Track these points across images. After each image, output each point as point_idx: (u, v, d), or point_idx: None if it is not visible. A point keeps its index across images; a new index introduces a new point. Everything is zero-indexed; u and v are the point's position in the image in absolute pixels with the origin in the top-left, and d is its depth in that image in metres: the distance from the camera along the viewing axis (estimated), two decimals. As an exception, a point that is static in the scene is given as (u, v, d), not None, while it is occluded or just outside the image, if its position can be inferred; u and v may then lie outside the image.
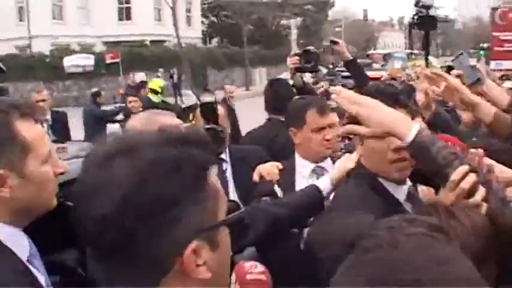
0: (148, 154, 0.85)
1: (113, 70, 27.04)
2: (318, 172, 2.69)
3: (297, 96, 3.62)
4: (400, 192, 1.84)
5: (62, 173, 1.44)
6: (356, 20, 68.19)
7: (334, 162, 2.71)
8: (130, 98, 8.42)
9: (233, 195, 2.96)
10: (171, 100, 15.55)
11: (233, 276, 1.52)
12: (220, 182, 0.95)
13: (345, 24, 59.02)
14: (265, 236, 1.99)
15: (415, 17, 5.67)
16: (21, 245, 1.35)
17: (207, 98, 2.51)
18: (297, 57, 3.77)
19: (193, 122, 3.14)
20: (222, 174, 2.92)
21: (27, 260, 1.36)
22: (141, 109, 7.26)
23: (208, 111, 2.35)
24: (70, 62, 27.63)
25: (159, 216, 0.83)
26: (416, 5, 5.64)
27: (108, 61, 26.70)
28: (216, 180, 0.92)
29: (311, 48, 3.93)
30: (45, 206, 1.40)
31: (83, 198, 0.86)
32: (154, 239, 0.83)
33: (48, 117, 6.25)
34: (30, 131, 1.36)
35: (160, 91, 10.08)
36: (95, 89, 11.06)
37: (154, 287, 0.85)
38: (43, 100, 6.21)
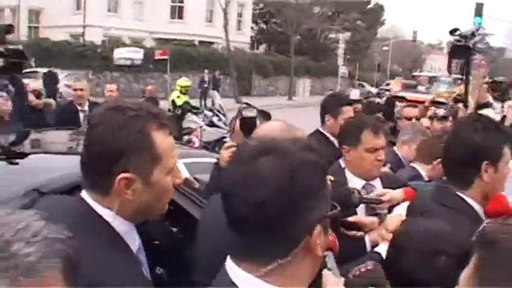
0: (297, 156, 1.11)
1: (160, 67, 27.41)
2: (368, 189, 2.73)
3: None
4: None
5: (179, 184, 1.53)
6: (405, 40, 67.37)
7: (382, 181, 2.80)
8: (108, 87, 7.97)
9: None
10: (194, 102, 16.04)
11: None
12: None
13: (393, 43, 58.42)
14: None
15: (452, 46, 5.52)
16: (133, 239, 1.47)
17: (249, 113, 2.57)
18: None
19: (232, 134, 3.11)
20: None
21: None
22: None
23: (249, 125, 2.41)
24: (120, 55, 28.05)
25: (302, 204, 1.09)
26: (451, 33, 5.46)
27: (157, 57, 26.98)
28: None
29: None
30: (159, 212, 1.51)
31: (234, 187, 1.11)
32: (295, 221, 1.09)
33: (86, 107, 6.31)
34: (164, 142, 1.42)
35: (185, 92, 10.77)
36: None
37: (285, 257, 1.10)
38: (81, 89, 6.41)
